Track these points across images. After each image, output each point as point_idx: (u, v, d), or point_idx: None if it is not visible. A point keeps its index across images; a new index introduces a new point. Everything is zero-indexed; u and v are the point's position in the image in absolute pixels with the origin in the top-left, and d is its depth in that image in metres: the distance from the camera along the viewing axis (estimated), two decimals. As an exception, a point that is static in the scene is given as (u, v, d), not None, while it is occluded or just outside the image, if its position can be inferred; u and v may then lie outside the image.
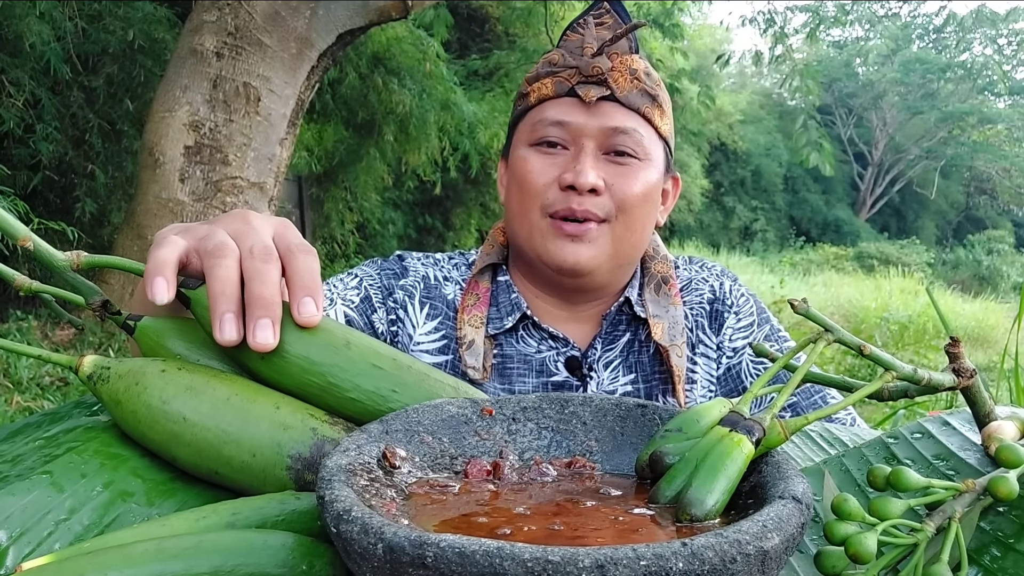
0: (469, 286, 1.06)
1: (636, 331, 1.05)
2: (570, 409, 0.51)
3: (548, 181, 0.97)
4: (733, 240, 20.05)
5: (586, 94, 0.96)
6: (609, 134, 0.96)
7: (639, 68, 0.98)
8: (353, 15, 4.22)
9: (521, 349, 1.03)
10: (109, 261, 0.55)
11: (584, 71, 0.97)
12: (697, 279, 1.10)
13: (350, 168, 7.68)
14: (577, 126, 0.96)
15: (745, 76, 25.51)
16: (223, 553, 0.40)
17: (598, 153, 0.97)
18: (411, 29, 6.73)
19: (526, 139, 1.00)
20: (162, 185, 4.08)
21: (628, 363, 1.03)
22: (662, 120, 1.00)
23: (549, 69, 1.00)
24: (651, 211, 1.01)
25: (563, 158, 0.97)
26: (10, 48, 4.36)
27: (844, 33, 25.84)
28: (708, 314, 1.07)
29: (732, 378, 1.04)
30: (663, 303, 1.04)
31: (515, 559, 0.31)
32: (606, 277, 1.01)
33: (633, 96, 0.97)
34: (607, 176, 0.96)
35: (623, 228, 0.98)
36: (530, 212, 0.99)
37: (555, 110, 0.98)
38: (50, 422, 0.56)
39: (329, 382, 0.52)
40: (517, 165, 1.00)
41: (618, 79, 0.97)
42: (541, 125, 0.98)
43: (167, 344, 0.56)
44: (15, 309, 4.53)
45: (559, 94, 0.98)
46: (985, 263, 19.78)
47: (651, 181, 0.99)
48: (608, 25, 1.01)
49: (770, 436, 0.43)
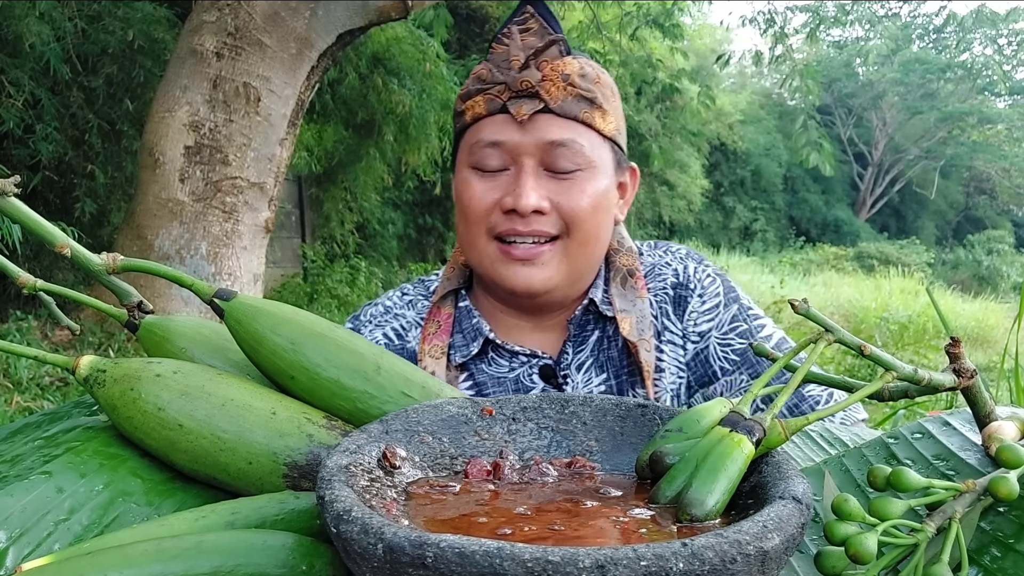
0: (430, 314, 1.04)
1: (604, 327, 1.03)
2: (570, 409, 0.51)
3: (489, 205, 0.95)
4: (733, 240, 20.05)
5: (518, 111, 0.92)
6: (547, 149, 0.93)
7: (572, 72, 0.94)
8: (353, 15, 4.22)
9: (493, 372, 1.02)
10: (144, 266, 0.55)
11: (513, 86, 0.93)
12: (660, 264, 1.07)
13: (350, 168, 7.67)
14: (513, 145, 0.93)
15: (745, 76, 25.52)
16: (223, 553, 0.40)
17: (539, 170, 0.94)
18: (411, 29, 6.73)
19: (466, 160, 0.98)
20: (162, 185, 4.08)
21: (599, 362, 1.02)
22: (605, 121, 0.96)
23: (479, 86, 0.96)
24: (604, 219, 0.98)
25: (504, 179, 0.95)
26: (10, 48, 4.36)
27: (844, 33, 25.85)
28: (672, 299, 1.04)
29: (700, 363, 1.02)
30: (630, 296, 1.02)
31: (515, 559, 0.31)
32: (565, 292, 1.00)
33: (569, 104, 0.93)
34: (551, 193, 0.93)
35: (576, 245, 0.96)
36: (477, 238, 0.97)
37: (489, 130, 0.95)
38: (49, 422, 0.56)
39: (358, 407, 0.52)
40: (460, 189, 0.99)
41: (550, 89, 0.93)
42: (478, 147, 0.95)
43: (171, 343, 0.56)
44: (15, 309, 4.53)
45: (491, 112, 0.95)
46: (985, 263, 19.78)
47: (599, 190, 0.96)
48: (534, 31, 0.96)
49: (770, 436, 0.43)
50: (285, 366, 0.52)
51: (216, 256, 4.14)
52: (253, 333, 0.52)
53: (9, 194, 0.51)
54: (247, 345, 0.53)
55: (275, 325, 0.52)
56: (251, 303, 0.53)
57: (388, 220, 9.25)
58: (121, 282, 0.57)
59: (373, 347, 0.55)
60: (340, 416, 0.53)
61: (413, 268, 9.34)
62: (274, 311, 0.53)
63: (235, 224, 4.18)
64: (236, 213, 4.18)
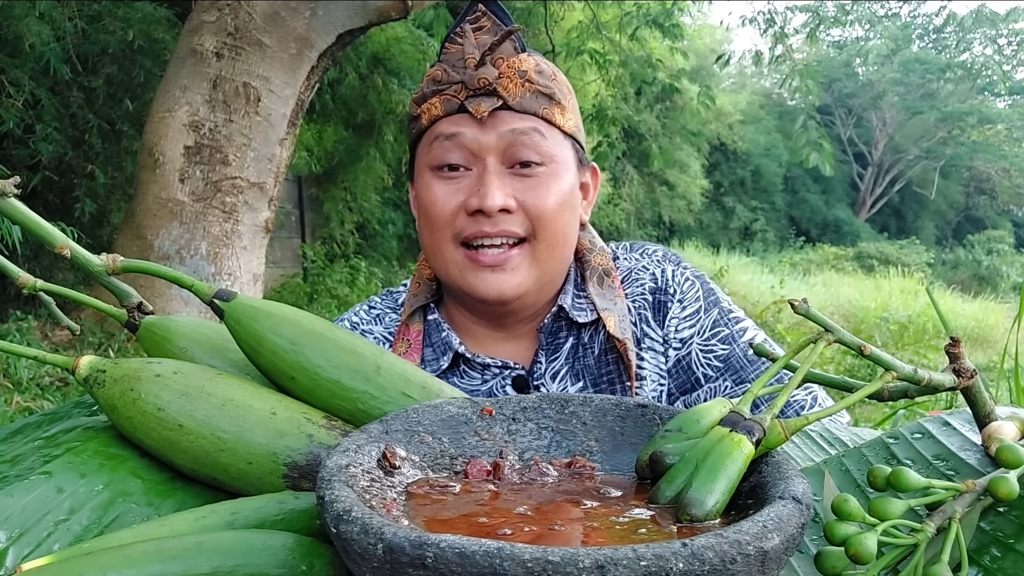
0: (399, 332, 1.02)
1: (578, 335, 1.00)
2: (570, 409, 0.51)
3: (455, 208, 0.92)
4: (733, 240, 20.05)
5: (476, 108, 0.91)
6: (509, 140, 0.91)
7: (528, 68, 0.93)
8: (353, 15, 4.22)
9: (465, 386, 0.99)
10: (143, 267, 0.55)
11: (470, 85, 0.91)
12: (637, 268, 1.04)
13: (350, 168, 7.68)
14: (473, 139, 0.92)
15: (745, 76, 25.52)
16: (223, 553, 0.40)
17: (502, 169, 0.92)
18: (411, 29, 6.73)
19: (426, 162, 0.95)
20: (162, 185, 4.08)
21: (575, 370, 0.99)
22: (564, 117, 0.95)
23: (435, 87, 0.94)
24: (570, 218, 0.96)
25: (467, 181, 0.93)
26: (10, 48, 4.36)
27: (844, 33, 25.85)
28: (651, 305, 1.01)
29: (683, 370, 0.99)
30: (609, 296, 0.99)
31: (515, 559, 0.31)
32: (535, 297, 0.98)
33: (527, 100, 0.92)
34: (516, 192, 0.92)
35: (545, 246, 0.94)
36: (442, 244, 0.94)
37: (448, 125, 0.93)
38: (49, 422, 0.56)
39: (358, 407, 0.52)
40: (421, 194, 0.96)
41: (508, 86, 0.91)
42: (438, 143, 0.93)
43: (172, 343, 0.56)
44: (15, 309, 4.53)
45: (449, 112, 0.93)
46: (985, 263, 19.77)
47: (564, 188, 0.94)
48: (487, 28, 0.94)
49: (770, 436, 0.43)
50: (285, 367, 0.52)
51: (216, 256, 4.14)
52: (253, 334, 0.52)
53: (9, 195, 0.51)
54: (247, 346, 0.53)
55: (275, 326, 0.52)
56: (251, 304, 0.53)
57: (388, 220, 9.26)
58: (121, 283, 0.57)
59: (373, 347, 0.55)
60: (340, 416, 0.53)
61: (413, 268, 9.32)
62: (274, 312, 0.53)
63: (235, 224, 4.19)
64: (236, 213, 4.18)
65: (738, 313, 1.02)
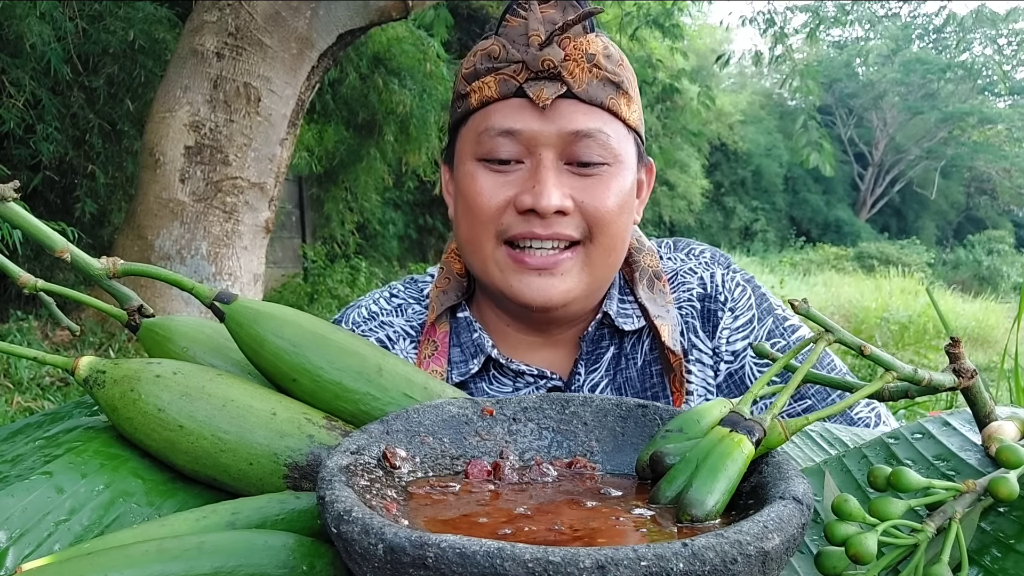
0: (426, 334, 0.93)
1: (620, 344, 0.92)
2: (571, 409, 0.51)
3: (502, 203, 0.82)
4: (733, 240, 20.05)
5: (538, 95, 0.80)
6: (571, 140, 0.81)
7: (597, 51, 0.82)
8: (353, 15, 4.23)
9: (494, 392, 0.91)
10: (144, 270, 0.55)
11: (532, 65, 0.80)
12: (683, 270, 0.95)
13: (350, 168, 7.67)
14: (531, 135, 0.81)
15: (745, 76, 25.51)
16: (224, 554, 0.40)
17: (559, 164, 0.82)
18: (411, 29, 6.73)
19: (472, 151, 0.84)
20: (162, 185, 4.08)
21: (616, 383, 0.91)
22: (630, 109, 0.85)
23: (490, 64, 0.83)
24: (628, 222, 0.87)
25: (518, 174, 0.82)
26: (11, 48, 4.36)
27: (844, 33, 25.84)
28: (700, 313, 0.92)
29: (735, 384, 0.90)
30: (659, 301, 0.90)
31: (516, 559, 0.31)
32: (582, 305, 0.88)
33: (595, 89, 0.81)
34: (574, 192, 0.82)
35: (600, 251, 0.84)
36: (483, 241, 0.84)
37: (502, 116, 0.82)
38: (50, 422, 0.56)
39: (360, 409, 0.52)
40: (464, 183, 0.85)
41: (574, 70, 0.81)
42: (488, 136, 0.82)
43: (173, 343, 0.56)
44: (15, 309, 4.53)
45: (505, 95, 0.82)
46: (985, 263, 19.77)
47: (625, 188, 0.84)
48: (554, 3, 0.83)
49: (770, 436, 0.43)
50: (287, 368, 0.52)
51: (216, 256, 4.14)
52: (254, 336, 0.52)
53: (9, 199, 0.51)
54: (248, 348, 0.53)
55: (276, 328, 0.52)
56: (252, 306, 0.53)
57: (389, 220, 9.26)
58: (121, 286, 0.57)
59: (375, 348, 0.55)
60: (343, 418, 0.53)
61: (413, 268, 9.33)
62: (275, 313, 0.53)
63: (235, 224, 4.19)
64: (236, 213, 4.18)
65: (793, 320, 0.94)
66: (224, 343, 0.58)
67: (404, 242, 9.84)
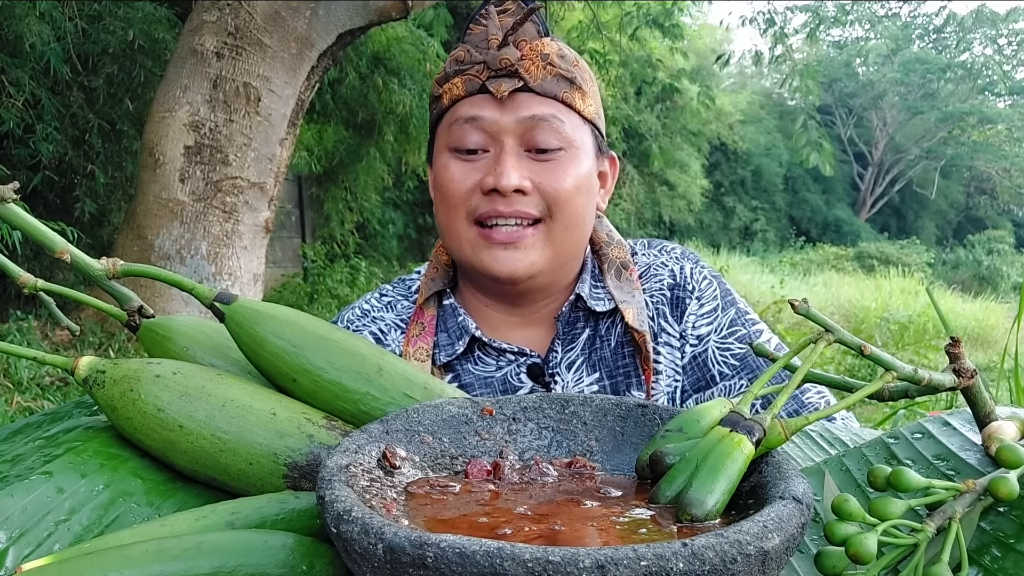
0: (414, 315, 1.02)
1: (596, 326, 1.01)
2: (571, 409, 0.51)
3: (470, 187, 0.93)
4: (733, 240, 20.05)
5: (497, 88, 0.91)
6: (528, 126, 0.91)
7: (551, 52, 0.93)
8: (353, 15, 4.23)
9: (479, 372, 0.99)
10: (144, 270, 0.55)
11: (492, 65, 0.91)
12: (656, 264, 1.05)
13: (350, 168, 7.68)
14: (492, 121, 0.92)
15: (745, 76, 25.51)
16: (224, 554, 0.40)
17: (520, 151, 0.92)
18: (411, 29, 6.73)
19: (445, 143, 0.96)
20: (162, 185, 4.08)
21: (591, 361, 0.99)
22: (584, 102, 0.95)
23: (457, 67, 0.95)
24: (587, 202, 0.96)
25: (484, 161, 0.93)
26: (10, 48, 4.36)
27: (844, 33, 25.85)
28: (669, 301, 1.02)
29: (699, 366, 0.99)
30: (626, 288, 1.00)
31: (516, 559, 0.31)
32: (549, 278, 0.97)
33: (548, 83, 0.92)
34: (532, 174, 0.92)
35: (560, 228, 0.94)
36: (457, 223, 0.94)
37: (468, 108, 0.93)
38: (50, 422, 0.56)
39: (360, 409, 0.52)
40: (439, 174, 0.96)
41: (530, 68, 0.91)
42: (457, 126, 0.94)
43: (173, 343, 0.56)
44: (15, 309, 4.53)
45: (470, 92, 0.93)
46: (985, 263, 19.77)
47: (582, 172, 0.94)
48: (511, 12, 0.95)
49: (770, 436, 0.43)
50: (287, 369, 0.52)
51: (216, 256, 4.14)
52: (254, 336, 0.52)
53: (8, 200, 0.51)
54: (248, 349, 0.53)
55: (276, 328, 0.52)
56: (252, 306, 0.53)
57: (388, 220, 9.26)
58: (121, 287, 0.57)
59: (374, 348, 0.55)
60: (342, 418, 0.53)
61: (413, 267, 9.32)
62: (275, 314, 0.53)
63: (235, 224, 4.19)
64: (236, 213, 4.18)
65: (753, 315, 1.03)
66: (224, 343, 0.58)
67: (404, 242, 9.84)
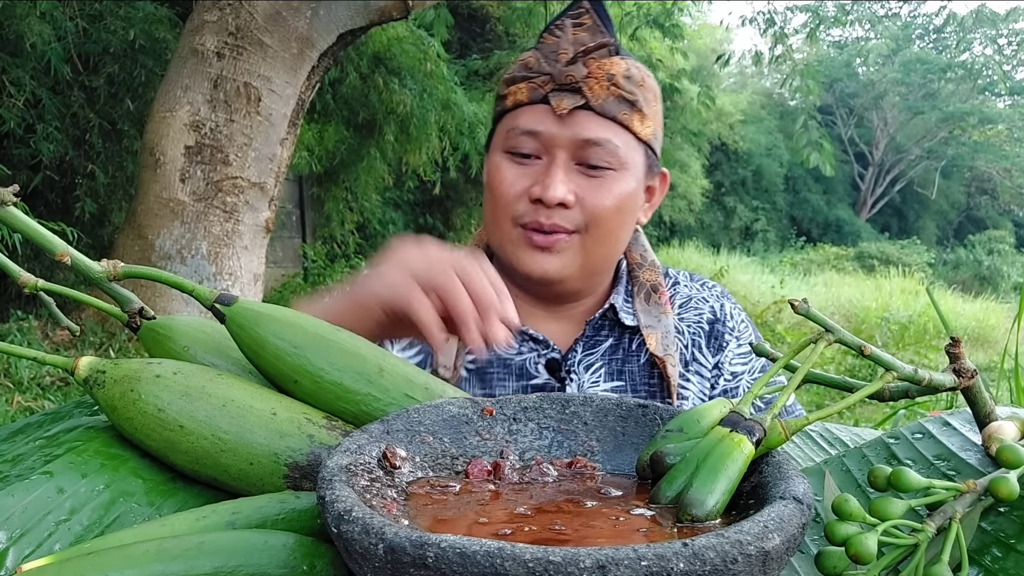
0: None
1: (620, 337, 1.04)
2: (571, 409, 0.51)
3: (518, 192, 0.96)
4: (734, 240, 20.04)
5: (558, 104, 0.93)
6: (581, 146, 0.94)
7: (618, 72, 0.95)
8: (354, 15, 4.22)
9: (501, 353, 1.02)
10: (144, 272, 0.55)
11: (558, 79, 0.94)
12: (698, 298, 1.09)
13: (350, 168, 7.67)
14: (549, 136, 0.94)
15: (745, 76, 25.50)
16: (224, 554, 0.40)
17: (570, 164, 0.95)
18: (412, 29, 6.73)
19: (502, 143, 0.99)
20: (163, 185, 4.08)
21: (612, 369, 1.03)
22: (642, 124, 0.97)
23: (524, 73, 0.97)
24: (625, 220, 0.99)
25: (535, 168, 0.96)
26: (11, 48, 4.36)
27: (844, 33, 25.84)
28: (707, 334, 1.06)
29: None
30: (654, 312, 1.03)
31: (516, 559, 0.31)
32: (578, 284, 1.01)
33: (609, 104, 0.94)
34: (578, 189, 0.94)
35: (593, 241, 0.97)
36: (501, 221, 0.98)
37: (528, 118, 0.96)
38: (51, 422, 0.56)
39: (362, 410, 0.52)
40: (491, 172, 1.00)
41: (593, 87, 0.94)
42: (514, 134, 0.96)
43: (173, 343, 0.56)
44: (16, 309, 4.53)
45: (532, 101, 0.96)
46: (986, 263, 19.77)
47: (626, 191, 0.96)
48: (587, 27, 0.97)
49: (771, 436, 0.43)
50: (288, 370, 0.52)
51: (217, 256, 4.14)
52: (255, 338, 0.52)
53: (8, 203, 0.51)
54: (249, 350, 0.53)
55: (277, 329, 0.52)
56: (252, 307, 0.53)
57: (389, 220, 9.25)
58: (122, 288, 0.57)
59: (375, 349, 0.55)
60: (344, 419, 0.53)
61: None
62: (276, 315, 0.53)
63: (236, 224, 4.19)
64: (237, 213, 4.18)
65: None
66: (224, 343, 0.58)
67: (404, 242, 9.81)
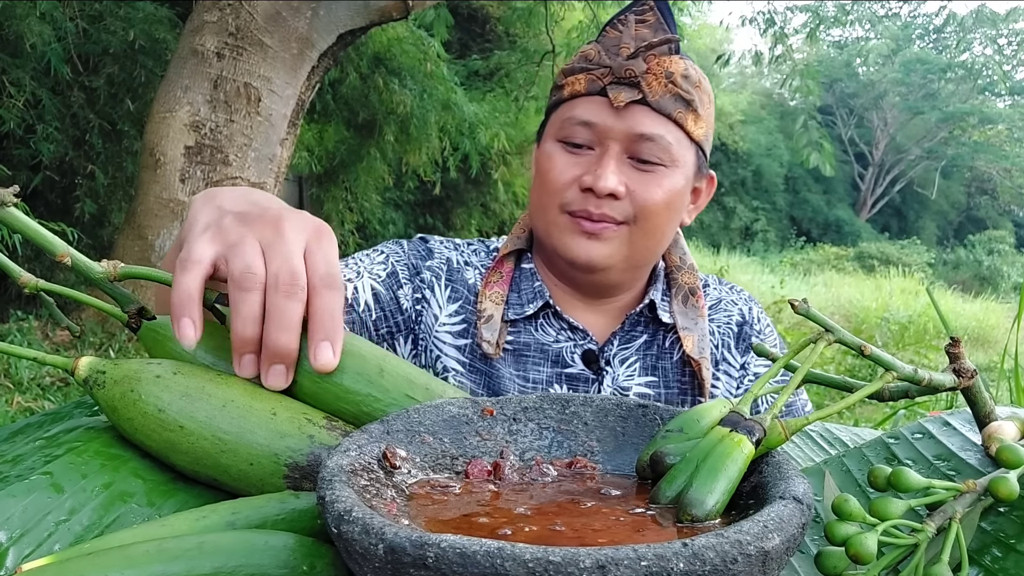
0: (495, 264, 1.07)
1: (655, 334, 1.05)
2: (571, 409, 0.51)
3: (569, 180, 0.97)
4: (734, 240, 20.05)
5: (616, 97, 0.94)
6: (635, 139, 0.95)
7: (676, 71, 0.96)
8: (354, 15, 4.23)
9: (539, 337, 1.03)
10: (145, 273, 0.55)
11: (617, 72, 0.95)
12: (727, 300, 1.12)
13: (350, 168, 7.68)
14: (604, 128, 0.95)
15: (745, 76, 25.51)
16: (224, 554, 0.40)
17: (623, 156, 0.96)
18: (412, 29, 6.73)
19: (555, 133, 1.00)
20: (163, 185, 4.08)
21: (646, 364, 1.04)
22: (696, 124, 0.98)
23: (584, 65, 0.98)
24: (672, 217, 1.00)
25: (587, 158, 0.97)
26: (11, 48, 4.36)
27: (844, 33, 25.84)
28: (736, 335, 1.08)
29: None
30: (691, 315, 1.04)
31: (516, 559, 0.31)
32: (620, 276, 1.02)
33: (665, 101, 0.95)
34: (629, 181, 0.95)
35: (640, 233, 0.98)
36: (549, 208, 0.99)
37: (584, 109, 0.97)
38: (51, 422, 0.56)
39: (362, 410, 0.52)
40: (542, 160, 1.00)
41: (651, 83, 0.95)
42: (569, 123, 0.97)
43: (174, 342, 0.56)
44: (16, 309, 4.53)
45: (590, 92, 0.97)
46: (986, 263, 19.77)
47: (676, 188, 0.97)
48: (650, 23, 0.98)
49: (770, 436, 0.43)
50: None
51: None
52: None
53: (8, 204, 0.51)
54: None
55: None
56: None
57: (389, 220, 9.26)
58: (123, 289, 0.57)
59: (376, 349, 0.55)
60: (344, 419, 0.53)
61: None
62: None
63: (236, 224, 4.18)
64: (237, 213, 4.17)
65: None
66: (225, 343, 0.58)
67: (404, 242, 9.82)
